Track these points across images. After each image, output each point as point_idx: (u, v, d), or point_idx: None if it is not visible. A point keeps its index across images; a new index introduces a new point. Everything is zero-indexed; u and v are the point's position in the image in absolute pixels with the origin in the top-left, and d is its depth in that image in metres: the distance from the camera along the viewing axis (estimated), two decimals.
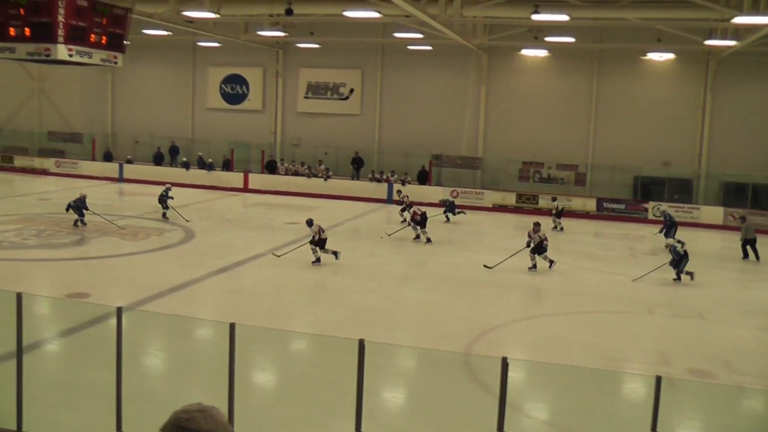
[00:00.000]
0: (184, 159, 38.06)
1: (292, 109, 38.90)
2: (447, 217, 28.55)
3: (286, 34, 33.85)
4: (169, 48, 39.97)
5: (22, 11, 20.85)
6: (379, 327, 14.60)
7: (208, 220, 27.24)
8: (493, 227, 28.49)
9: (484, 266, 20.19)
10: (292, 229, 25.56)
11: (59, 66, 26.00)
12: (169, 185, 27.58)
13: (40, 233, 23.09)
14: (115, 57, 23.24)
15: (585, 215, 31.29)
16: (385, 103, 37.06)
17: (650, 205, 31.05)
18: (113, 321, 8.88)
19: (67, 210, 24.41)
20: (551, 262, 20.47)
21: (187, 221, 25.94)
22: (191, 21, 30.28)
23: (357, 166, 36.22)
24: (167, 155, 39.26)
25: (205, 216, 27.89)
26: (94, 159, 40.31)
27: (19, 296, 8.56)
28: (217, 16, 27.65)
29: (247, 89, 39.66)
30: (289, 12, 26.44)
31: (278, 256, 20.06)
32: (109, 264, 19.95)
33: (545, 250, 20.46)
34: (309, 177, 35.20)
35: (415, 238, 24.44)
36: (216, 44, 38.07)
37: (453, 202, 29.32)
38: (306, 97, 38.39)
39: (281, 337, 13.06)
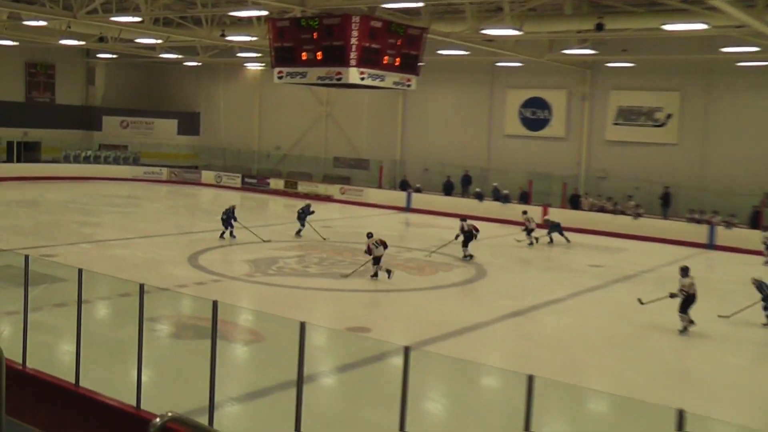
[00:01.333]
0: (477, 189, 38.59)
1: (599, 137, 38.17)
2: (551, 238, 30.30)
3: (596, 52, 33.33)
4: (465, 69, 40.89)
5: (315, 35, 22.22)
6: (693, 394, 13.80)
7: (501, 257, 27.29)
8: None
9: (638, 300, 18.56)
10: (595, 272, 24.94)
11: (348, 90, 27.58)
12: (309, 203, 30.16)
13: (321, 261, 24.32)
14: (409, 80, 24.09)
15: None
16: (708, 131, 35.17)
17: None
18: (394, 360, 9.01)
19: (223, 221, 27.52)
20: (686, 325, 17.91)
21: (324, 239, 27.62)
22: (491, 39, 30.77)
23: (664, 203, 34.71)
24: (458, 185, 40.08)
25: (498, 252, 27.97)
26: (380, 187, 42.14)
27: (302, 325, 8.90)
28: (520, 33, 27.86)
29: (550, 114, 39.53)
30: (599, 27, 26.03)
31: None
32: (392, 298, 20.58)
33: (691, 303, 17.78)
34: (616, 214, 34.25)
35: (464, 257, 25.73)
36: (516, 64, 38.36)
37: (559, 223, 30.67)
38: (615, 124, 37.50)
39: (579, 395, 12.62)
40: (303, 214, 29.01)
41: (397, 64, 23.14)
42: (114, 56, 50.07)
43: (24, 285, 12.02)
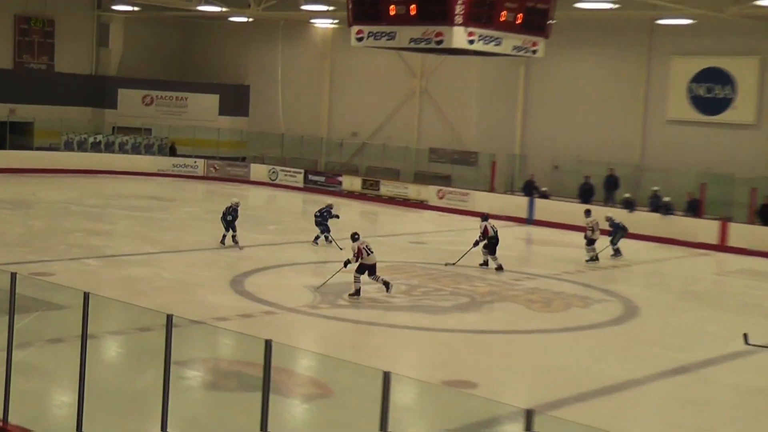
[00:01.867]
0: (627, 195, 38.22)
1: None
2: (615, 250, 30.06)
3: None
4: (613, 29, 40.64)
5: None
6: None
7: (660, 289, 26.97)
8: None
9: (744, 337, 18.23)
10: None
11: (452, 58, 27.18)
12: (332, 203, 30.51)
13: (410, 290, 24.32)
14: (535, 44, 23.95)
15: None
16: None
17: None
18: (510, 427, 8.90)
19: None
20: None
21: (340, 249, 28.04)
22: None
23: None
24: (600, 189, 39.80)
25: (656, 283, 27.68)
26: (492, 189, 42.11)
27: (386, 376, 8.85)
28: None
29: (733, 91, 38.98)
30: None
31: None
32: (507, 342, 20.49)
33: None
34: None
35: (481, 264, 27.17)
36: (686, 21, 37.90)
37: (626, 228, 30.75)
38: None
39: None
40: (321, 218, 29.52)
41: (518, 22, 23.01)
42: (135, 9, 50.70)
43: (9, 313, 12.11)
